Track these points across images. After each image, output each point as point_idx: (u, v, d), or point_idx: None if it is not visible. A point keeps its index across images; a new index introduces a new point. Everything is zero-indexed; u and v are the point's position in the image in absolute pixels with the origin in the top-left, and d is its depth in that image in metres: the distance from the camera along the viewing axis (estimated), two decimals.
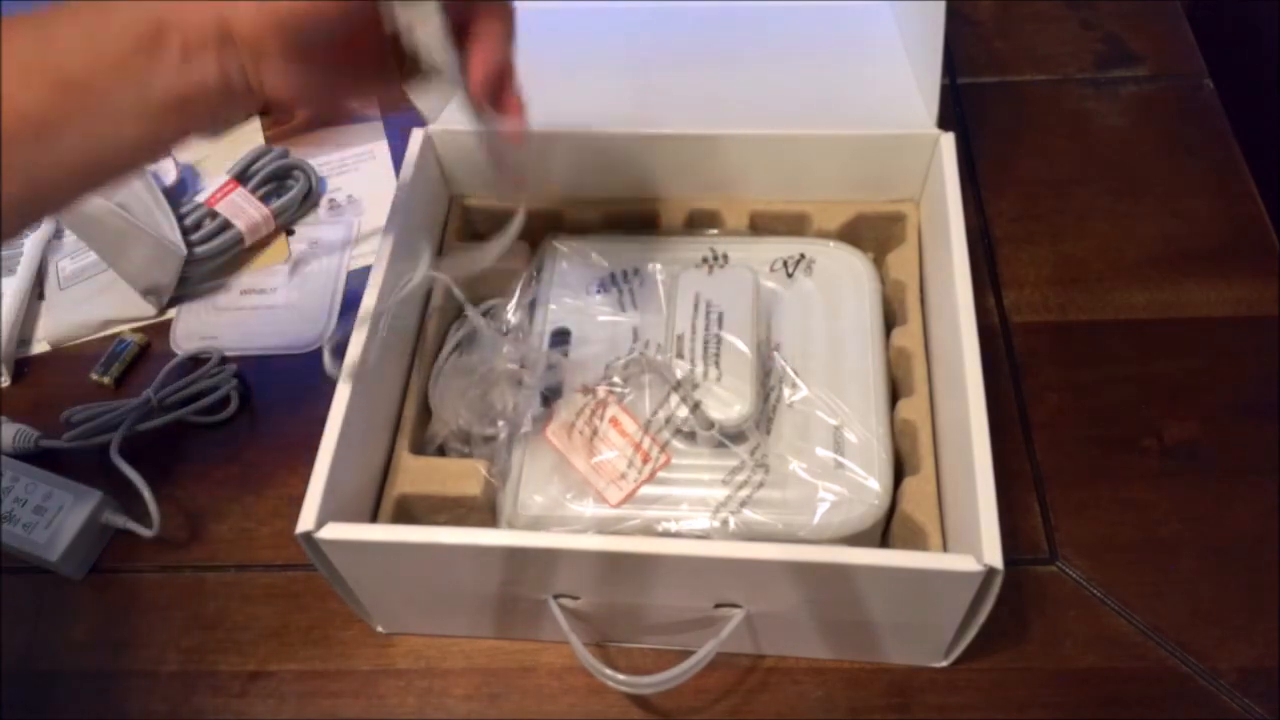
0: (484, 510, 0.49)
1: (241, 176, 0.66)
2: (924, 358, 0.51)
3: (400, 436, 0.51)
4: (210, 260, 0.63)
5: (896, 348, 0.52)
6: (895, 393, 0.52)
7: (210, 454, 0.57)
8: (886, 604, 0.43)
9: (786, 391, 0.50)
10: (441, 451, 0.52)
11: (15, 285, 0.63)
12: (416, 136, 0.55)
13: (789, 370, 0.51)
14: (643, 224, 0.58)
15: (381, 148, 0.71)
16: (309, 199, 0.68)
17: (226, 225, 0.63)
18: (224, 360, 0.60)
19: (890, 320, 0.54)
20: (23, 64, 0.34)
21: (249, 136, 0.72)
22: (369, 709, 0.49)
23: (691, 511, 0.46)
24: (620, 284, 0.55)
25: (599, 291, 0.55)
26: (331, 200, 0.69)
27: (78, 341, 0.63)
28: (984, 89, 0.70)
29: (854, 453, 0.48)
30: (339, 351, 0.46)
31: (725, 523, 0.46)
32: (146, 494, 0.53)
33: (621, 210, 0.58)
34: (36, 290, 0.65)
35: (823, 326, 0.52)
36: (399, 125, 0.72)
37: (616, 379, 0.50)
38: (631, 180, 0.57)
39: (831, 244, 0.56)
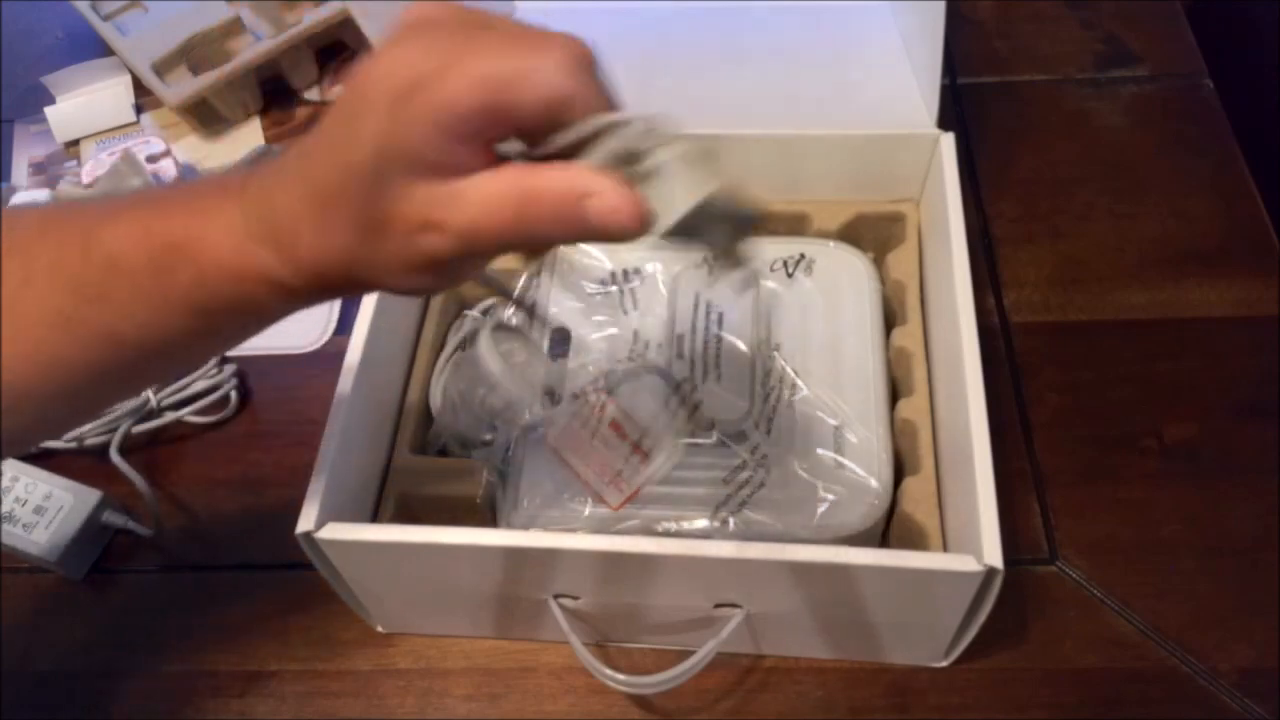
0: (484, 510, 0.49)
1: None
2: (924, 358, 0.51)
3: (400, 436, 0.51)
4: None
5: (896, 348, 0.52)
6: (895, 393, 0.52)
7: (210, 454, 0.57)
8: (886, 604, 0.43)
9: (786, 391, 0.50)
10: (443, 452, 0.52)
11: None
12: None
13: (789, 370, 0.51)
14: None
15: None
16: None
17: None
18: (224, 360, 0.60)
19: (890, 320, 0.54)
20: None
21: (249, 136, 0.72)
22: (369, 709, 0.49)
23: (691, 511, 0.46)
24: (620, 284, 0.55)
25: (599, 292, 0.55)
26: None
27: None
28: (984, 89, 0.70)
29: (854, 453, 0.48)
30: None
31: (725, 523, 0.46)
32: (146, 494, 0.53)
33: None
34: None
35: (823, 326, 0.52)
36: None
37: (616, 380, 0.50)
38: None
39: (831, 244, 0.56)
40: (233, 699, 0.50)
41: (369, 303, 0.48)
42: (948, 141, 0.53)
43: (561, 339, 0.53)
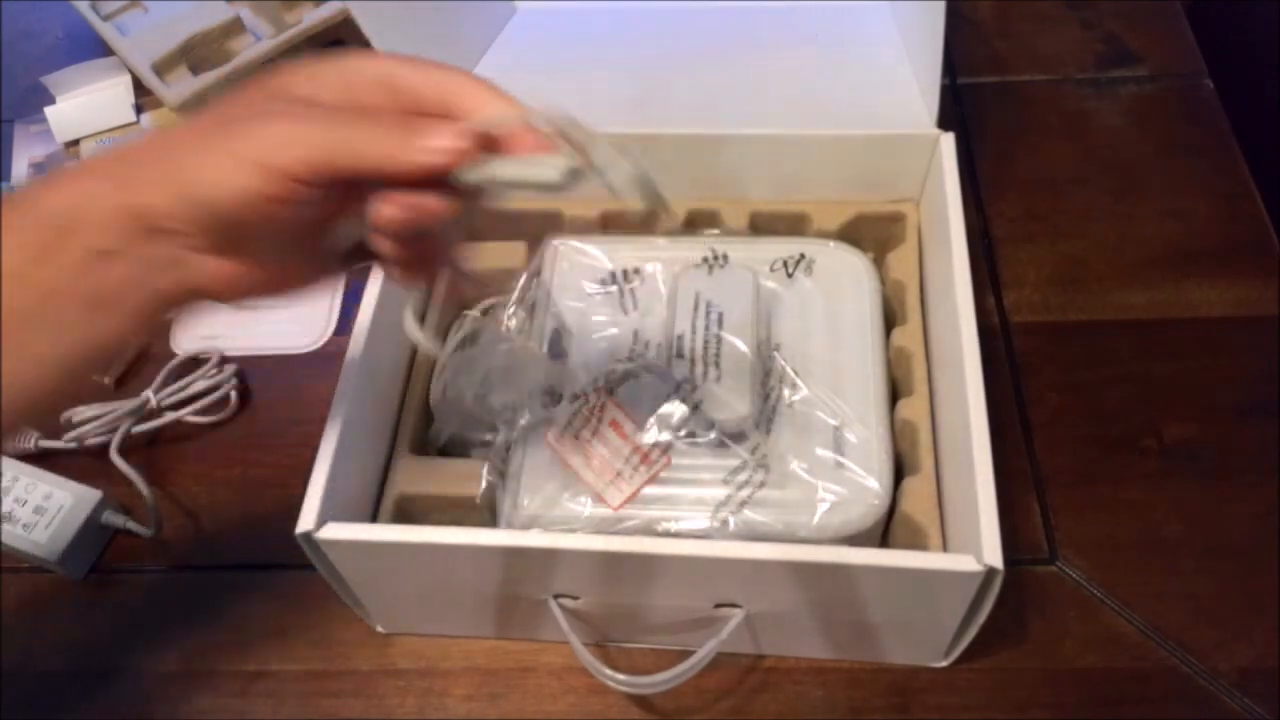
0: (484, 510, 0.49)
1: None
2: (924, 358, 0.51)
3: (400, 436, 0.51)
4: None
5: (896, 348, 0.52)
6: (895, 393, 0.52)
7: (210, 454, 0.57)
8: (886, 604, 0.43)
9: (786, 391, 0.50)
10: (443, 452, 0.52)
11: None
12: None
13: (789, 370, 0.51)
14: (643, 224, 0.58)
15: None
16: None
17: None
18: (224, 360, 0.60)
19: (890, 320, 0.54)
20: None
21: None
22: (369, 709, 0.49)
23: (691, 511, 0.46)
24: (620, 284, 0.55)
25: (599, 292, 0.55)
26: None
27: None
28: (984, 89, 0.70)
29: (854, 453, 0.48)
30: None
31: (725, 523, 0.46)
32: (146, 494, 0.53)
33: (621, 210, 0.58)
34: None
35: (823, 326, 0.52)
36: None
37: (616, 380, 0.50)
38: None
39: (831, 244, 0.56)
40: (233, 699, 0.50)
41: (369, 303, 0.48)
42: (948, 141, 0.53)
43: (561, 339, 0.53)
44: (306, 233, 0.33)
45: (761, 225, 0.58)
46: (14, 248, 0.30)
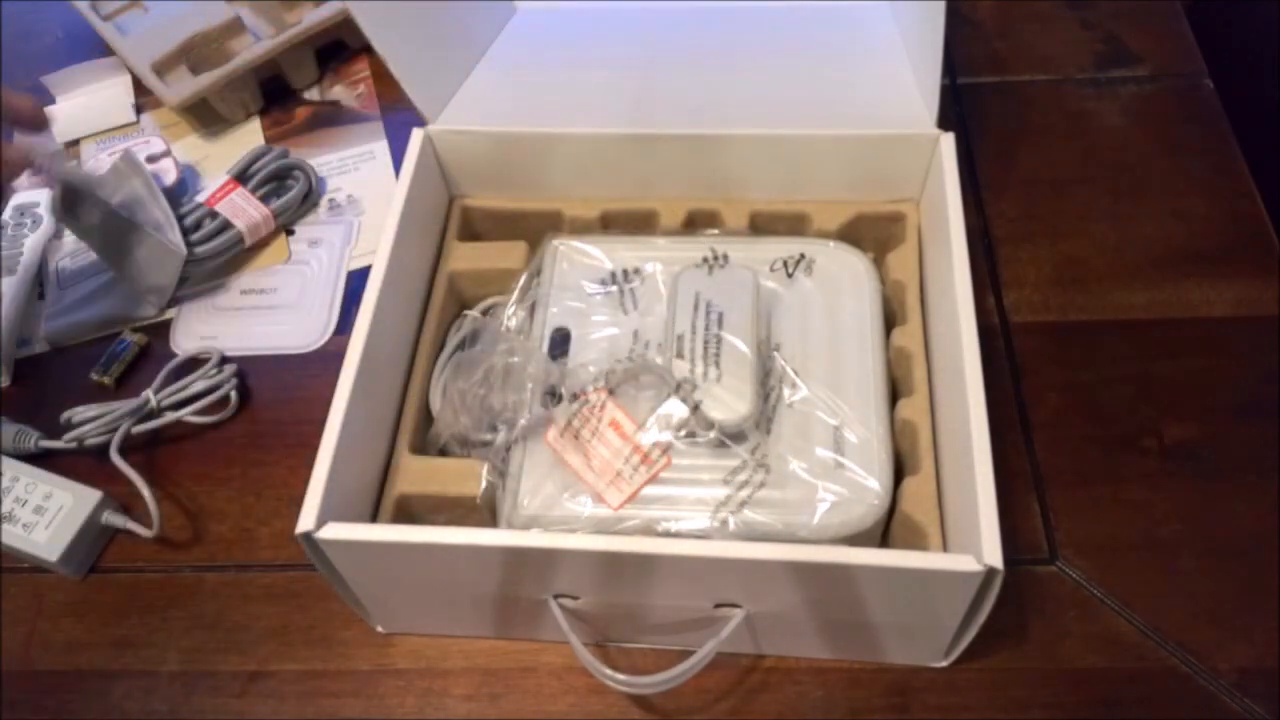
0: (484, 510, 0.49)
1: (241, 176, 0.66)
2: (924, 358, 0.51)
3: (400, 436, 0.51)
4: (210, 260, 0.63)
5: (896, 348, 0.52)
6: (895, 393, 0.52)
7: (210, 454, 0.57)
8: (886, 604, 0.43)
9: (786, 391, 0.50)
10: (443, 452, 0.52)
11: (15, 285, 0.63)
12: (416, 136, 0.55)
13: (789, 370, 0.51)
14: (643, 224, 0.58)
15: (381, 148, 0.71)
16: (309, 199, 0.68)
17: (226, 225, 0.63)
18: (224, 360, 0.60)
19: (890, 320, 0.54)
20: None
21: (249, 136, 0.72)
22: (369, 709, 0.49)
23: (691, 511, 0.46)
24: (620, 284, 0.55)
25: (599, 292, 0.55)
26: (331, 200, 0.69)
27: (78, 341, 0.63)
28: (984, 89, 0.70)
29: (854, 453, 0.48)
30: None
31: (725, 523, 0.46)
32: (146, 494, 0.53)
33: (621, 210, 0.58)
34: (36, 290, 0.65)
35: (823, 326, 0.52)
36: (399, 125, 0.72)
37: (616, 380, 0.50)
38: (631, 180, 0.57)
39: (831, 244, 0.56)
40: (233, 699, 0.50)
41: (369, 303, 0.48)
42: (948, 141, 0.53)
43: (561, 339, 0.53)
44: None
45: (761, 225, 0.58)
46: None
